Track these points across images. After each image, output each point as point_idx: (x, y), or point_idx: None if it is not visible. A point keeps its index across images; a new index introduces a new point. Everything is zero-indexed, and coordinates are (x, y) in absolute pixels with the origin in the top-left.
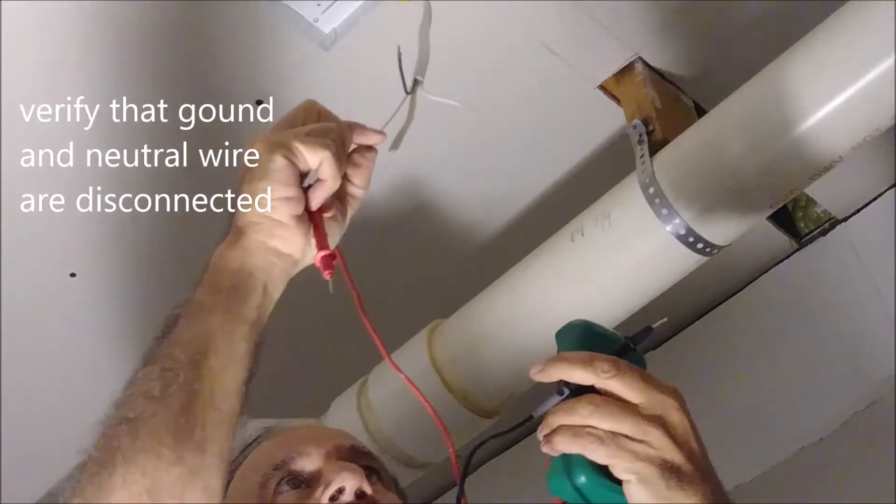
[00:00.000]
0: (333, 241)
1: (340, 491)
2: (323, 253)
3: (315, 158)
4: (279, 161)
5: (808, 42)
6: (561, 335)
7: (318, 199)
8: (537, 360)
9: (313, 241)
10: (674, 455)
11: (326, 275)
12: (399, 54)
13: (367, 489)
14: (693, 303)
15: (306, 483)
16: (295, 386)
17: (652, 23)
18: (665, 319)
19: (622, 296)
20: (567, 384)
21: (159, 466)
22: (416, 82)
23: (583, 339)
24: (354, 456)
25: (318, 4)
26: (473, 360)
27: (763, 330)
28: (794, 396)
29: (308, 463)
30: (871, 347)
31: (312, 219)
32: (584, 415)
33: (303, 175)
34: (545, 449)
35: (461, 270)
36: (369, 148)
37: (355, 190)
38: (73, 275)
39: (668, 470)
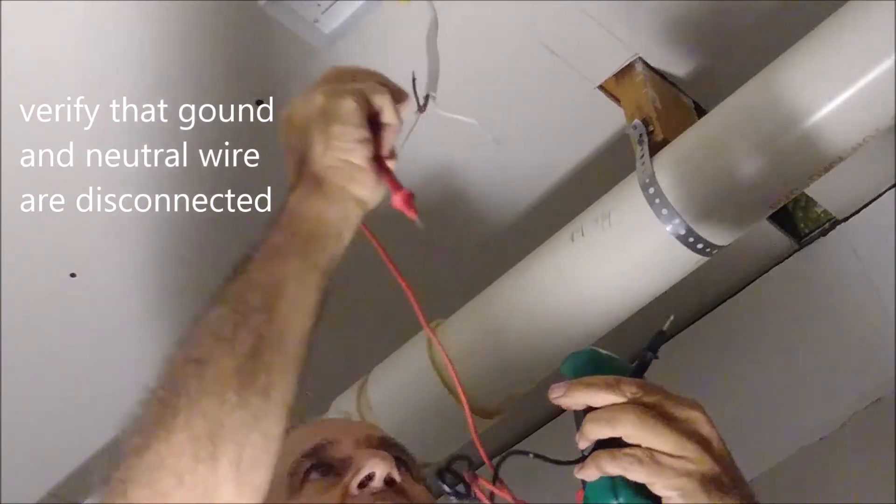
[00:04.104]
0: None
1: (370, 477)
2: (403, 192)
3: (377, 101)
4: (351, 103)
5: (809, 42)
6: (567, 365)
7: (388, 142)
8: (556, 385)
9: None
10: (712, 467)
11: (412, 214)
12: (413, 78)
13: (397, 476)
14: (693, 303)
15: (336, 471)
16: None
17: (652, 23)
18: (672, 318)
19: (622, 296)
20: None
21: (222, 410)
22: (427, 98)
23: (591, 368)
24: (385, 446)
25: (318, 4)
26: (473, 360)
27: (763, 330)
28: (795, 396)
29: (338, 451)
30: (871, 347)
31: (380, 164)
32: (626, 426)
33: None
34: (580, 475)
35: (461, 270)
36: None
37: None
38: (73, 275)
39: (709, 482)
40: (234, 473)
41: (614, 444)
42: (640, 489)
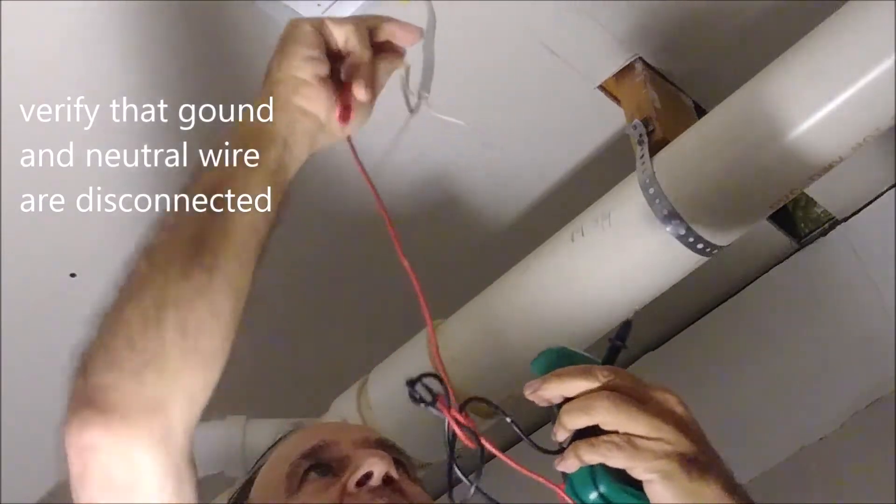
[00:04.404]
0: (360, 122)
1: (368, 476)
2: (340, 106)
3: (341, 31)
4: (307, 27)
5: (809, 42)
6: (538, 363)
7: (346, 68)
8: (529, 383)
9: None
10: (689, 447)
11: (340, 122)
12: (407, 73)
13: (395, 474)
14: (693, 303)
15: (334, 471)
16: (295, 386)
17: (652, 23)
18: (637, 308)
19: (622, 296)
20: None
21: (167, 282)
22: (420, 98)
23: (560, 364)
24: (383, 447)
25: (318, 4)
26: (474, 359)
27: (763, 330)
28: (794, 396)
29: (336, 451)
30: (871, 347)
31: (342, 88)
32: (601, 412)
33: (334, 54)
34: (561, 467)
35: (461, 270)
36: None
37: (382, 76)
38: (73, 275)
39: (688, 462)
40: (179, 338)
41: (592, 434)
42: (621, 475)
